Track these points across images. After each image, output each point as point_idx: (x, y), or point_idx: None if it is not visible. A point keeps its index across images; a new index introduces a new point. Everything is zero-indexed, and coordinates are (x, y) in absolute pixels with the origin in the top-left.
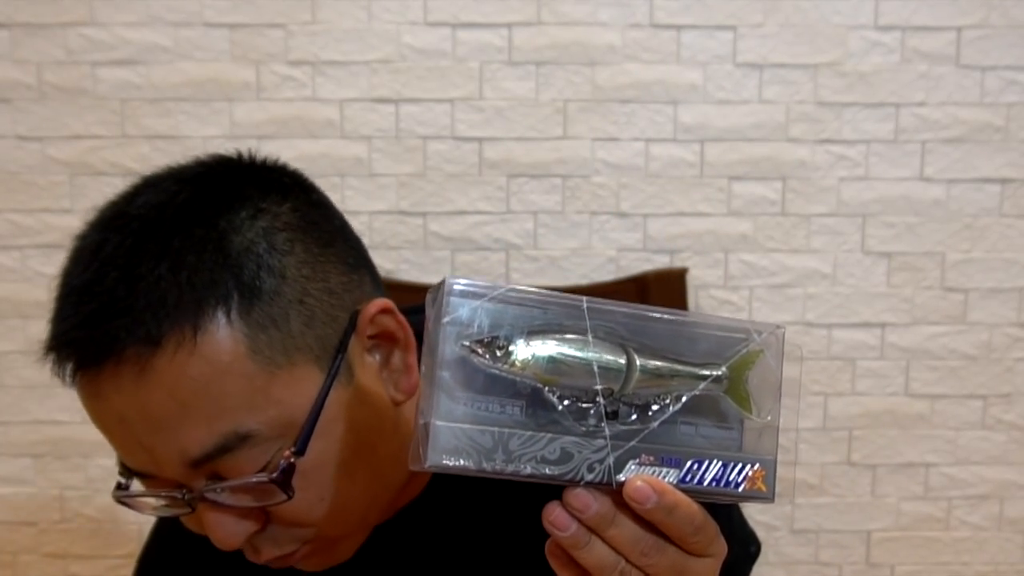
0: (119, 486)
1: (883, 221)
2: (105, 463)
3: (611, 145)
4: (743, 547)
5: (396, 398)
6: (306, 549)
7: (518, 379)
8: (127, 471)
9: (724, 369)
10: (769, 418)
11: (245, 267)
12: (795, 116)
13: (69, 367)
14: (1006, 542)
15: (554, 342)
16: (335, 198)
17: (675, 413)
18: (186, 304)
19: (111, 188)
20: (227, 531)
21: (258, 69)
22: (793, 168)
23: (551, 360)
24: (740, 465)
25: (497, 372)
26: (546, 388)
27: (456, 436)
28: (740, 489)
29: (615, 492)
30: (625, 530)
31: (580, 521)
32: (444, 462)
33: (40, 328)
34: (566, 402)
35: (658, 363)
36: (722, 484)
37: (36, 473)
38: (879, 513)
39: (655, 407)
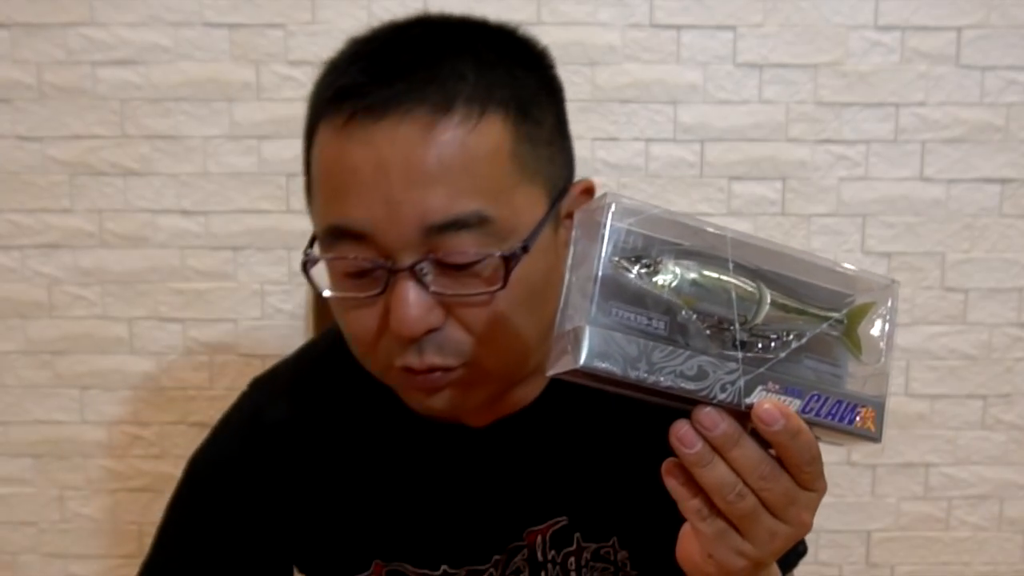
0: (308, 255)
1: (883, 221)
2: (105, 463)
3: (611, 145)
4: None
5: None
6: (455, 375)
7: (663, 297)
8: (335, 233)
9: (843, 314)
10: (881, 362)
11: (526, 89)
12: (795, 116)
13: (344, 116)
14: (1006, 542)
15: (698, 267)
16: None
17: (798, 348)
18: (481, 90)
19: (111, 188)
20: (416, 312)
21: (258, 69)
22: (793, 168)
23: (694, 283)
24: (854, 404)
25: (645, 288)
26: (685, 309)
27: (606, 341)
28: (852, 425)
29: (740, 416)
30: (748, 452)
31: (706, 440)
32: (596, 363)
33: (40, 328)
34: (704, 325)
35: (787, 300)
36: (837, 419)
37: (36, 473)
38: (879, 513)
39: (779, 340)
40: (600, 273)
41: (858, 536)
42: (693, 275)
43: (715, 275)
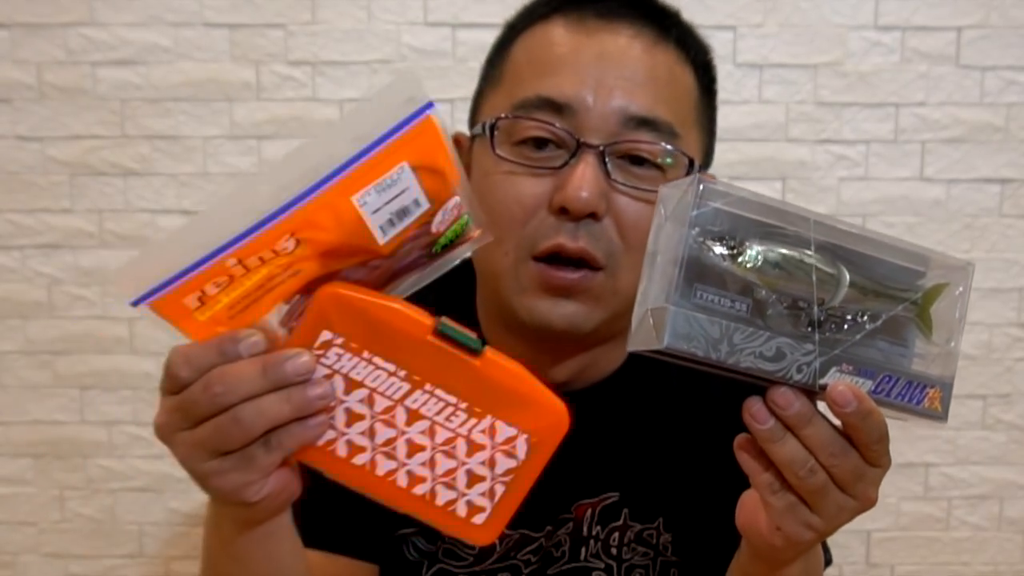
0: (504, 117)
1: (883, 221)
2: (105, 463)
3: None
4: (826, 550)
5: None
6: (595, 280)
7: (746, 278)
8: (536, 103)
9: (919, 295)
10: (952, 344)
11: (710, 67)
12: (795, 116)
13: (579, 14)
14: (1006, 542)
15: (781, 248)
16: None
17: (873, 330)
18: (685, 42)
19: (111, 188)
20: (594, 188)
21: (258, 69)
22: (793, 168)
23: (776, 264)
24: (923, 385)
25: (729, 269)
26: (767, 290)
27: (689, 323)
28: (920, 406)
29: (811, 394)
30: (820, 430)
31: (778, 418)
32: (680, 345)
33: (40, 328)
34: (783, 306)
35: (865, 282)
36: (906, 399)
37: (36, 473)
38: (879, 513)
39: (855, 321)
40: (686, 255)
41: (858, 536)
42: (776, 256)
43: (797, 256)
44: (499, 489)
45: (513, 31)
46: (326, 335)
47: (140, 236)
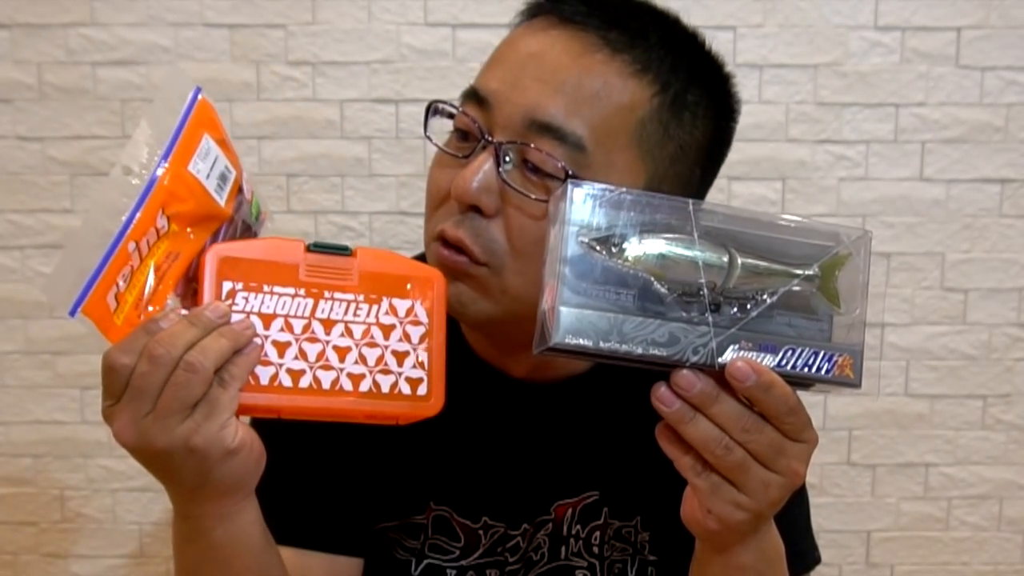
0: (435, 106)
1: (883, 221)
2: (105, 463)
3: None
4: (813, 550)
5: None
6: (477, 271)
7: (631, 272)
8: (469, 93)
9: (816, 268)
10: (857, 311)
11: (692, 89)
12: (795, 116)
13: (543, 17)
14: (1006, 542)
15: (663, 240)
16: (335, 199)
17: (771, 306)
18: (654, 54)
19: None
20: (477, 180)
21: (258, 69)
22: (793, 168)
23: (661, 256)
24: (830, 353)
25: (613, 266)
26: (655, 281)
27: (578, 319)
28: (830, 375)
29: (717, 375)
30: (727, 407)
31: (685, 399)
32: (567, 340)
33: (40, 328)
34: (674, 294)
35: (756, 261)
36: (814, 370)
37: (36, 473)
38: (879, 513)
39: (753, 300)
40: (567, 254)
41: (858, 536)
42: (659, 249)
43: (681, 247)
44: (423, 355)
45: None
46: (227, 285)
47: None
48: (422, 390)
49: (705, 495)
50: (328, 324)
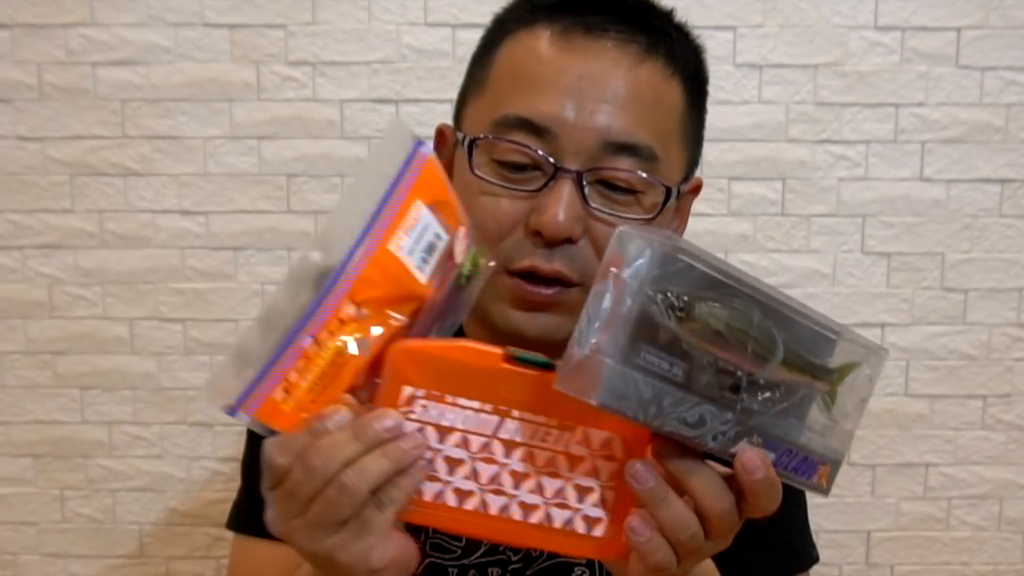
0: (478, 136)
1: (883, 221)
2: (105, 463)
3: None
4: (810, 548)
5: None
6: (569, 295)
7: (689, 343)
8: (515, 123)
9: (834, 374)
10: (849, 426)
11: (701, 73)
12: (795, 116)
13: (564, 25)
14: (1005, 542)
15: (725, 313)
16: (335, 198)
17: (787, 407)
18: (677, 52)
19: (111, 188)
20: (570, 215)
21: (258, 69)
22: (793, 168)
23: (718, 332)
24: (814, 461)
25: (672, 330)
26: (706, 358)
27: (626, 382)
28: (811, 480)
29: (716, 458)
30: (678, 508)
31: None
32: (611, 403)
33: (40, 328)
34: (715, 372)
35: (794, 358)
36: (797, 473)
37: (36, 473)
38: (879, 513)
39: (773, 396)
40: (637, 312)
41: (858, 536)
42: (720, 323)
43: (739, 324)
44: (609, 495)
45: (500, 31)
46: (407, 391)
47: (140, 236)
48: (598, 531)
49: (647, 554)
50: (510, 446)
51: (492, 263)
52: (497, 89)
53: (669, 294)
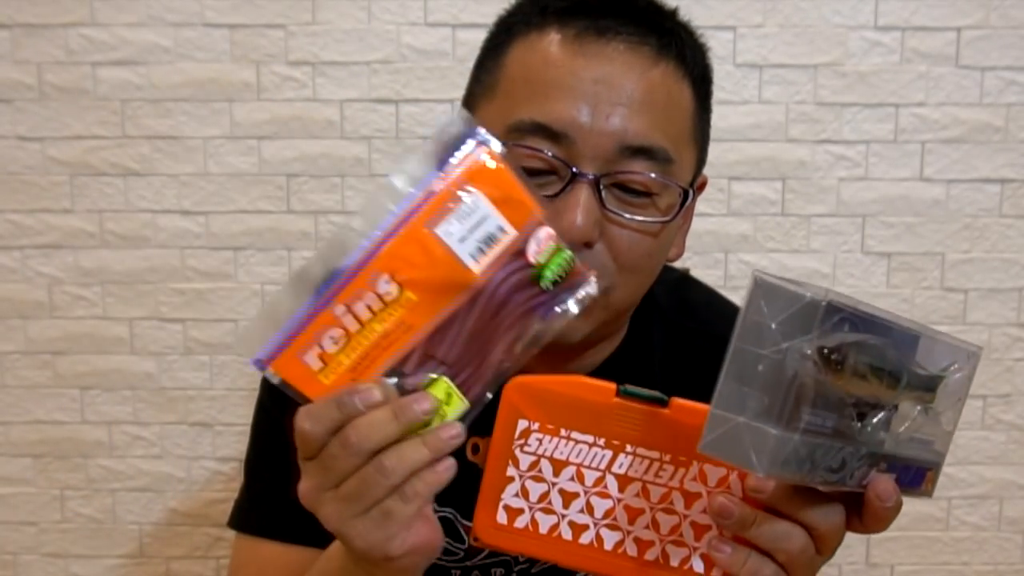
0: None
1: (883, 221)
2: (105, 463)
3: None
4: None
5: (670, 254)
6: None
7: (840, 395)
8: (530, 128)
9: (938, 381)
10: (949, 428)
11: (708, 74)
12: (795, 116)
13: (576, 28)
14: (1006, 542)
15: (867, 356)
16: (335, 198)
17: (910, 424)
18: (686, 53)
19: (111, 188)
20: (588, 219)
21: (258, 69)
22: (793, 168)
23: (862, 376)
24: (924, 469)
25: (828, 386)
26: (852, 401)
27: (787, 449)
28: (919, 488)
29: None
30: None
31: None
32: (775, 472)
33: (40, 328)
34: (854, 412)
35: (913, 377)
36: (912, 485)
37: (36, 473)
38: None
39: (894, 414)
40: (800, 379)
41: (858, 536)
42: (866, 368)
43: (879, 365)
44: (728, 532)
45: (507, 32)
46: (522, 424)
47: (140, 236)
48: (717, 572)
49: (731, 565)
50: (624, 480)
51: (580, 272)
52: (509, 93)
53: (828, 351)
